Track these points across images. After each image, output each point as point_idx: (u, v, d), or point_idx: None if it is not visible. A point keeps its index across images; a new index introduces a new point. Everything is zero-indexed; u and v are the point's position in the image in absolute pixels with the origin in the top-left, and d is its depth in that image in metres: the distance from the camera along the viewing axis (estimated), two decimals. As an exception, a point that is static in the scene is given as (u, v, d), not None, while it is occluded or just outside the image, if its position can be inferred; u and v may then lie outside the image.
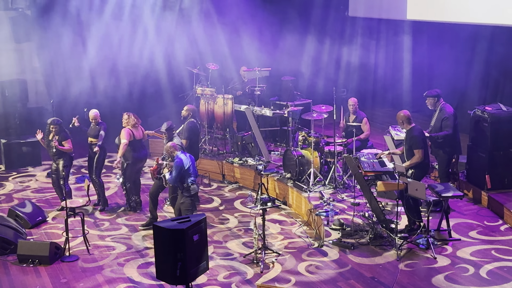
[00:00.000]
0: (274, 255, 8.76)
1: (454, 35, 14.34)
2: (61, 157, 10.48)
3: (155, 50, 15.52)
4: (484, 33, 13.65)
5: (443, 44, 14.64)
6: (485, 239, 8.90)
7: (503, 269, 7.98)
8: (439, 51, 14.78)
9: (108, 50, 15.09)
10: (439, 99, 9.88)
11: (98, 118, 10.69)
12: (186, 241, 6.40)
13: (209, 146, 13.02)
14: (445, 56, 14.70)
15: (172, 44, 15.77)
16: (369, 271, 7.97)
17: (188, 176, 9.05)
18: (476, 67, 13.97)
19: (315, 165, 10.86)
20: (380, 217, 8.88)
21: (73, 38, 14.88)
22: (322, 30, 16.46)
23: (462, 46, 14.22)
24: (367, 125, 11.43)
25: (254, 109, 12.86)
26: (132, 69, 15.36)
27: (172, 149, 9.25)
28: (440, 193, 8.74)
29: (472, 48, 14.00)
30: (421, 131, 9.08)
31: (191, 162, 9.13)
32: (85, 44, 15.00)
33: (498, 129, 10.03)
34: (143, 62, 15.35)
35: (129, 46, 15.25)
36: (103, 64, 15.11)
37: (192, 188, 9.11)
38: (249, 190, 11.64)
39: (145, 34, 15.41)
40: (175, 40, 15.75)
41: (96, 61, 15.02)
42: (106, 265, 8.82)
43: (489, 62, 13.76)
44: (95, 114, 10.69)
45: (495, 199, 9.82)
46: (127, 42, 15.22)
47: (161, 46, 15.63)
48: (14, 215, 10.08)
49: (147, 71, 15.64)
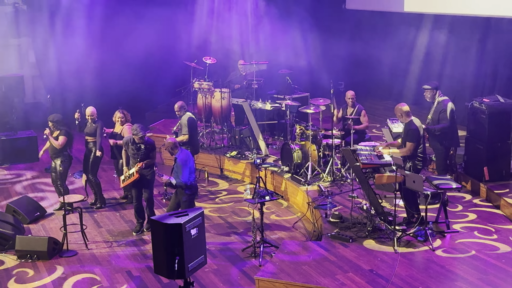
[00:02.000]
0: (273, 249, 8.77)
1: (453, 27, 14.33)
2: (59, 155, 10.29)
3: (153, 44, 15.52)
4: (482, 24, 13.64)
5: (441, 35, 14.62)
6: (483, 230, 8.91)
7: (501, 260, 7.99)
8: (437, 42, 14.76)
9: (105, 45, 15.07)
10: (437, 91, 9.89)
11: (95, 115, 10.51)
12: (183, 235, 6.39)
13: (207, 140, 13.01)
14: (444, 48, 14.69)
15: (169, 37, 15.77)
16: (368, 264, 7.97)
17: (192, 173, 8.91)
18: (474, 58, 13.96)
19: (313, 158, 10.85)
20: (378, 209, 8.88)
21: (69, 32, 14.85)
22: (319, 23, 16.45)
23: (459, 37, 14.21)
24: (366, 117, 11.43)
25: (251, 102, 12.85)
26: (129, 63, 15.34)
27: (174, 146, 8.97)
28: (438, 185, 8.73)
29: (469, 39, 14.00)
30: (419, 125, 9.05)
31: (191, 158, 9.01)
32: (82, 39, 14.97)
33: (496, 120, 10.02)
34: (140, 56, 15.34)
35: (127, 40, 15.23)
36: (100, 58, 15.10)
37: (194, 185, 8.99)
38: (247, 183, 11.63)
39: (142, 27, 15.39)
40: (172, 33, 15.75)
41: (93, 56, 15.00)
42: (105, 260, 8.82)
43: (487, 53, 13.76)
44: (92, 111, 10.50)
45: (493, 191, 9.82)
46: (124, 36, 15.20)
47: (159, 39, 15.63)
48: (12, 211, 10.06)
49: (144, 65, 15.63)
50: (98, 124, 10.47)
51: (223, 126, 13.26)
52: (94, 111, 10.54)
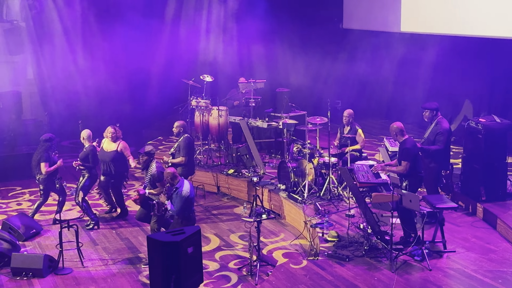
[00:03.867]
0: (269, 267, 8.75)
1: (449, 47, 14.42)
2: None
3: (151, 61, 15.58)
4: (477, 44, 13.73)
5: (438, 56, 14.71)
6: (480, 250, 8.90)
7: (497, 281, 7.98)
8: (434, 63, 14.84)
9: (103, 62, 15.12)
10: (437, 113, 9.85)
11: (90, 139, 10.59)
12: (180, 253, 6.39)
13: (204, 158, 13.01)
14: (440, 68, 14.77)
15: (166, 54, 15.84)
16: (364, 283, 7.95)
17: (192, 205, 8.62)
18: (470, 78, 14.03)
19: (310, 177, 10.86)
20: (375, 228, 8.87)
21: (67, 49, 14.90)
22: (316, 42, 16.54)
23: (456, 58, 14.29)
24: (362, 136, 11.43)
25: (249, 120, 12.88)
26: (127, 80, 15.39)
27: (173, 176, 8.68)
28: (434, 205, 8.74)
29: (467, 60, 14.08)
30: (414, 143, 9.08)
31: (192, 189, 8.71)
32: (80, 56, 15.03)
33: (492, 140, 10.04)
34: (138, 73, 15.39)
35: (125, 56, 15.30)
36: (97, 75, 15.14)
37: (192, 218, 8.77)
38: (244, 201, 11.61)
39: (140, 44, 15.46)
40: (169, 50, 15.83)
41: (91, 73, 15.05)
42: (100, 278, 8.78)
43: (483, 74, 13.83)
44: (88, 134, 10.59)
45: (490, 211, 9.83)
46: (122, 53, 15.26)
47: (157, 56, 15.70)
48: (8, 228, 10.03)
49: (141, 82, 15.68)
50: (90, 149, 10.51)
51: (220, 144, 13.26)
52: (90, 134, 10.59)
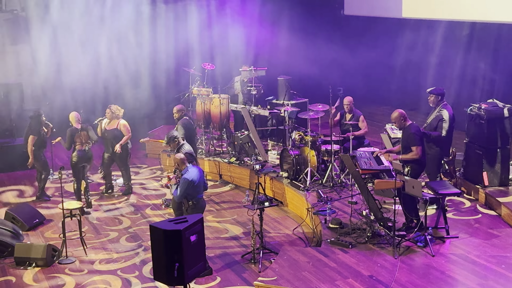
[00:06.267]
0: (272, 255, 8.76)
1: (451, 33, 14.36)
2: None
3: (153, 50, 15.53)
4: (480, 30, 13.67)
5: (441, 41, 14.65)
6: (483, 236, 8.90)
7: (501, 266, 7.98)
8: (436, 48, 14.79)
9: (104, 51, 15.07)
10: (442, 98, 9.78)
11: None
12: (183, 242, 6.38)
13: (206, 146, 13.00)
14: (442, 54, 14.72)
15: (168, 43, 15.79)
16: (367, 270, 7.96)
17: (196, 192, 8.46)
18: (472, 64, 13.97)
19: (312, 164, 10.85)
20: (378, 215, 8.87)
21: (68, 39, 14.85)
22: (317, 28, 16.47)
23: (458, 43, 14.23)
24: (364, 122, 11.42)
25: (250, 108, 12.85)
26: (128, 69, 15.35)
27: (181, 162, 8.50)
28: (437, 191, 8.73)
29: (468, 46, 14.02)
30: (418, 128, 9.07)
31: (201, 175, 8.53)
32: (82, 45, 14.98)
33: (495, 126, 10.02)
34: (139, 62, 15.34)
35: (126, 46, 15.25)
36: (99, 65, 15.10)
37: (199, 206, 8.52)
38: (246, 189, 11.62)
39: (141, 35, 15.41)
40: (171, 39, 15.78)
41: (92, 62, 15.00)
42: (104, 267, 8.80)
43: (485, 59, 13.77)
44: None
45: (492, 196, 9.82)
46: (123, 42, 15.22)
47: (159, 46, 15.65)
48: (11, 218, 10.05)
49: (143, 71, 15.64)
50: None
51: (222, 132, 13.25)
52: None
